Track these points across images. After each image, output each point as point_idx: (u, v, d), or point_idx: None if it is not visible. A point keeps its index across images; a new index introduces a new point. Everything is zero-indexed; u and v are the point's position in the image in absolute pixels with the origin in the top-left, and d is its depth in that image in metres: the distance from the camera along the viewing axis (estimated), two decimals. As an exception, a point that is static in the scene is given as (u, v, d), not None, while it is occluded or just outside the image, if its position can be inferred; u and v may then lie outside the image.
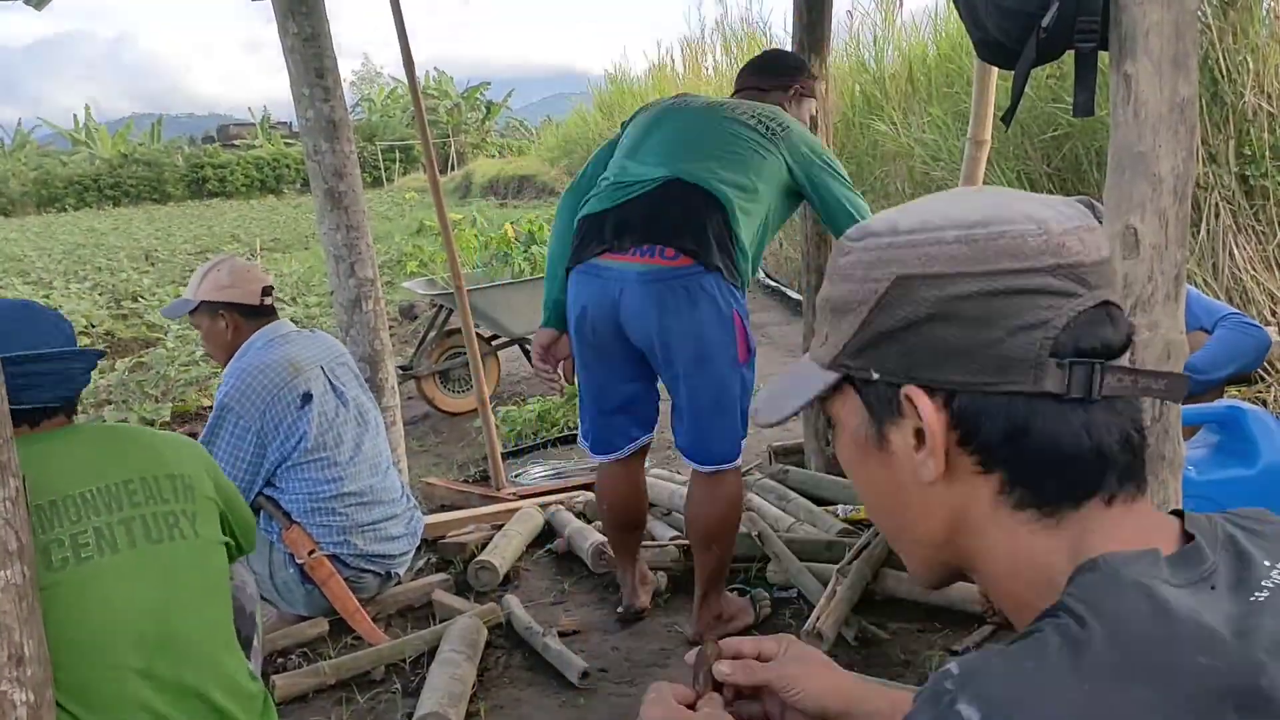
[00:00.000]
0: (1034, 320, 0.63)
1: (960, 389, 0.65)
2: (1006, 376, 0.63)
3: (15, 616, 1.31)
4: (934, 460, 0.66)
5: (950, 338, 0.64)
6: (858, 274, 0.68)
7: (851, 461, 0.74)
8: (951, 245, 0.64)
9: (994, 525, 0.67)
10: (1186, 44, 1.45)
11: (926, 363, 0.65)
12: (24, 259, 15.17)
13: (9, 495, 1.32)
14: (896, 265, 0.66)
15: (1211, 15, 4.00)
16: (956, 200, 0.69)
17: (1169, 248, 1.46)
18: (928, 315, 0.64)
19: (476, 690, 2.38)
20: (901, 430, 0.68)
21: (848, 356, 0.69)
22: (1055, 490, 0.65)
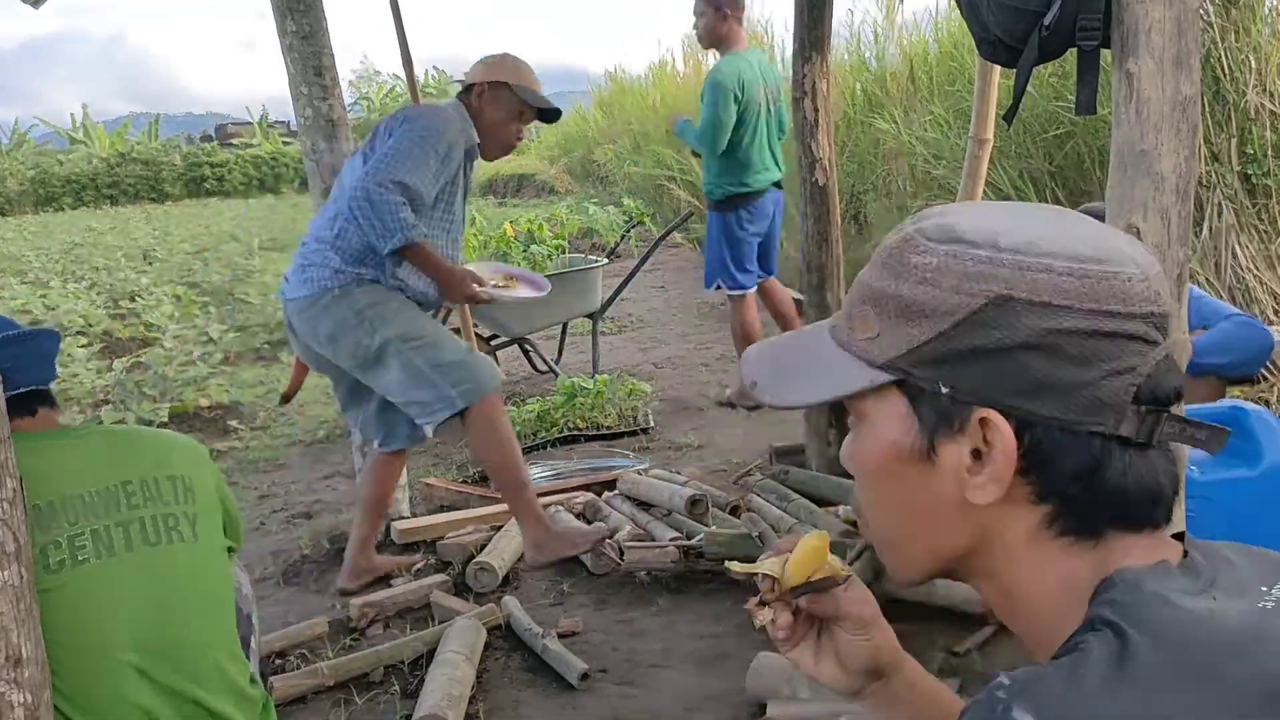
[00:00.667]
0: (1126, 366, 0.63)
1: (1041, 422, 0.64)
2: (1092, 417, 0.63)
3: (13, 618, 1.30)
4: (995, 486, 0.65)
5: (1046, 370, 0.63)
6: (946, 282, 0.64)
7: (877, 467, 0.71)
8: (1062, 277, 0.63)
9: (1028, 549, 0.67)
10: (1189, 42, 1.44)
11: (1011, 390, 0.63)
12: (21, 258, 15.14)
13: (7, 496, 1.31)
14: (998, 284, 0.63)
15: (1214, 13, 3.99)
16: (1056, 224, 0.67)
17: (1171, 246, 1.46)
18: (1024, 343, 0.63)
19: (475, 692, 2.37)
20: (956, 447, 0.66)
21: (913, 364, 0.66)
22: (1103, 523, 0.66)
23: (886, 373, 0.68)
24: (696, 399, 4.98)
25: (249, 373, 6.85)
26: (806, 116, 3.54)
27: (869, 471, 0.72)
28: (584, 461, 4.09)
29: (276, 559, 3.45)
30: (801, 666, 0.91)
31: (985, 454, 0.65)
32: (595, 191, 13.25)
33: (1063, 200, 4.80)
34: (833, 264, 3.63)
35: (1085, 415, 0.63)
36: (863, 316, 0.69)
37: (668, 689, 2.31)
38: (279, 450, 5.02)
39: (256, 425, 5.54)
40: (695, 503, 3.24)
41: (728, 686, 2.29)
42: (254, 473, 4.66)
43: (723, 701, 2.25)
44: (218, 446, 5.14)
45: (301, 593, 3.16)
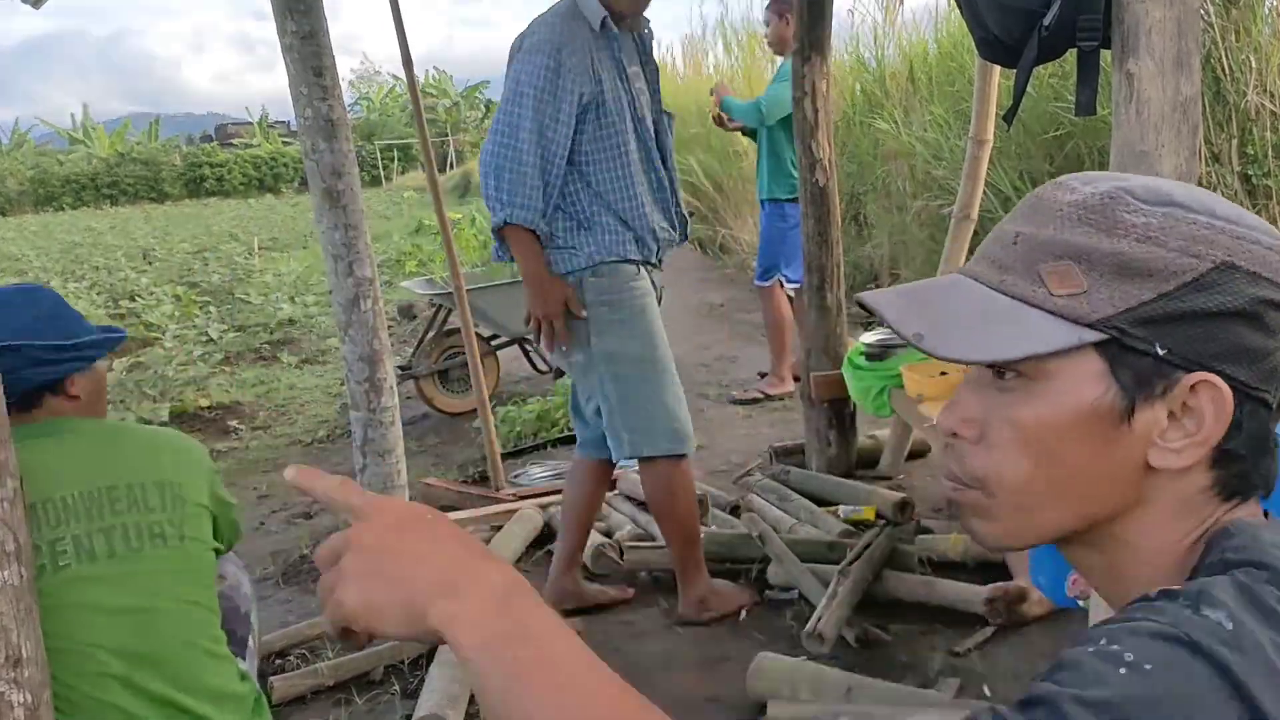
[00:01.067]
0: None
1: (1240, 387, 0.65)
2: (1269, 385, 0.66)
3: (13, 617, 1.30)
4: (1194, 450, 0.65)
5: (1251, 338, 0.65)
6: (1171, 242, 0.64)
7: (1058, 429, 0.67)
8: (1268, 251, 0.65)
9: (1174, 515, 0.68)
10: (1189, 43, 1.44)
11: (1220, 354, 0.64)
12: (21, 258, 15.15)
13: (7, 496, 1.31)
14: (1222, 250, 0.64)
15: (1214, 14, 3.99)
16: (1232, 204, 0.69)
17: (1173, 247, 1.46)
18: (1239, 310, 0.64)
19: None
20: (1153, 410, 0.65)
21: (1130, 322, 0.64)
22: (1253, 483, 0.68)
23: (1099, 330, 0.65)
24: (696, 399, 4.98)
25: (249, 373, 6.86)
26: (806, 117, 3.54)
27: (1042, 434, 0.67)
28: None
29: (276, 559, 3.45)
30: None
31: (1179, 418, 0.65)
32: (595, 192, 13.23)
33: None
34: (833, 264, 3.63)
35: (1265, 383, 0.66)
36: (1063, 272, 0.66)
37: (668, 690, 2.31)
38: (279, 450, 5.02)
39: (256, 425, 5.54)
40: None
41: (728, 687, 2.29)
42: (254, 473, 4.66)
43: (723, 702, 2.25)
44: (218, 446, 5.14)
45: (301, 592, 3.16)
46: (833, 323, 3.64)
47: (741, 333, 6.57)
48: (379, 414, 3.33)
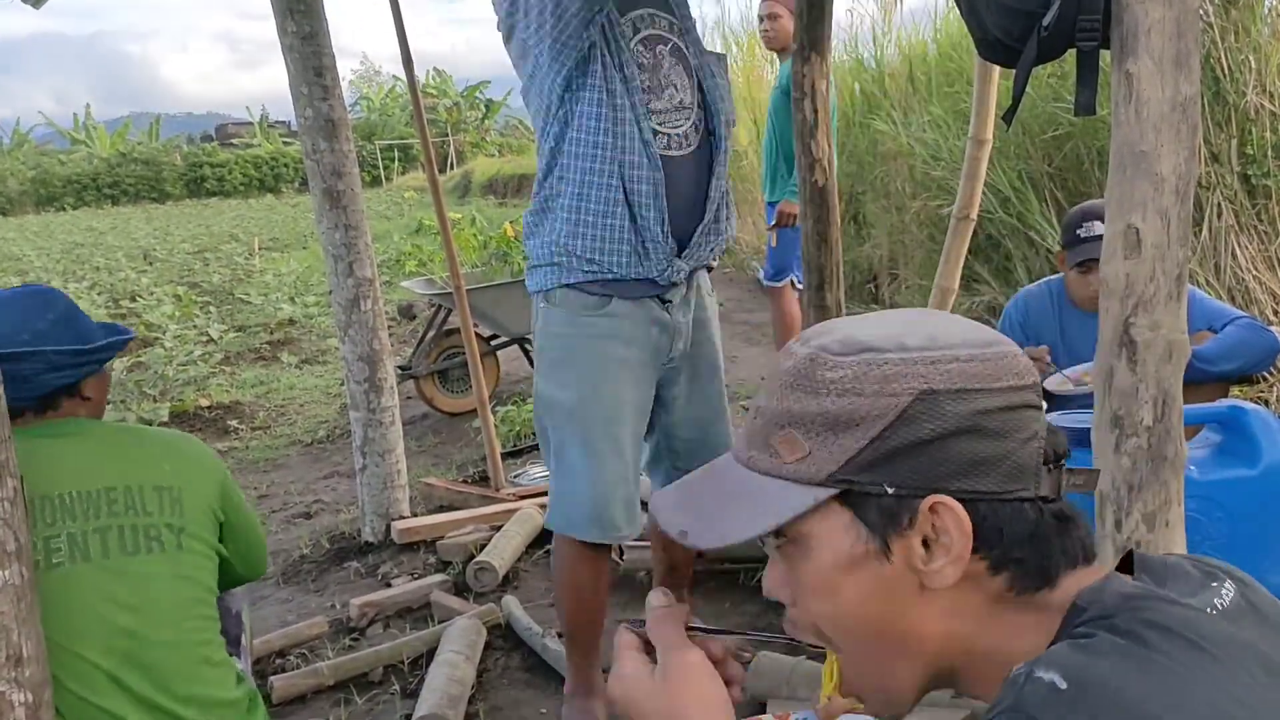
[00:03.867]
0: (1030, 432, 0.69)
1: (981, 498, 0.68)
2: (1019, 484, 0.68)
3: (14, 617, 1.31)
4: (954, 567, 0.68)
5: (976, 449, 0.67)
6: (867, 388, 0.68)
7: (830, 584, 0.71)
8: (969, 363, 0.68)
9: (994, 615, 0.71)
10: (1188, 42, 1.44)
11: (949, 474, 0.67)
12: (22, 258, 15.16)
13: (7, 495, 1.32)
14: (918, 380, 0.67)
15: (1214, 13, 3.99)
16: (935, 321, 0.72)
17: (1171, 247, 1.46)
18: (954, 429, 0.67)
19: (475, 691, 2.37)
20: (907, 541, 0.69)
21: (853, 471, 0.68)
22: (1055, 571, 0.71)
23: (829, 487, 0.69)
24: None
25: (249, 373, 6.86)
26: (806, 117, 3.54)
27: (823, 590, 0.72)
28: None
29: (277, 559, 3.45)
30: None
31: (934, 541, 0.68)
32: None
33: (1062, 201, 4.81)
34: (832, 264, 3.64)
35: (1013, 484, 0.68)
36: (787, 440, 0.70)
37: (667, 689, 2.31)
38: (279, 450, 5.02)
39: (256, 425, 5.54)
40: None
41: (727, 686, 2.30)
42: (254, 473, 4.66)
43: (722, 701, 2.25)
44: (218, 446, 5.14)
45: (301, 592, 3.16)
46: (832, 323, 3.64)
47: (741, 333, 6.58)
48: (379, 414, 3.34)
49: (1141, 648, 0.60)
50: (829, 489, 0.69)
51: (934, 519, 0.67)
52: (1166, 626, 0.61)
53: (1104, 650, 0.61)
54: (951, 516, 0.67)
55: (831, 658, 0.84)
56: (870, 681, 0.75)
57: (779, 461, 0.71)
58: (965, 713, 1.96)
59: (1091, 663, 0.60)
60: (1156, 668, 0.59)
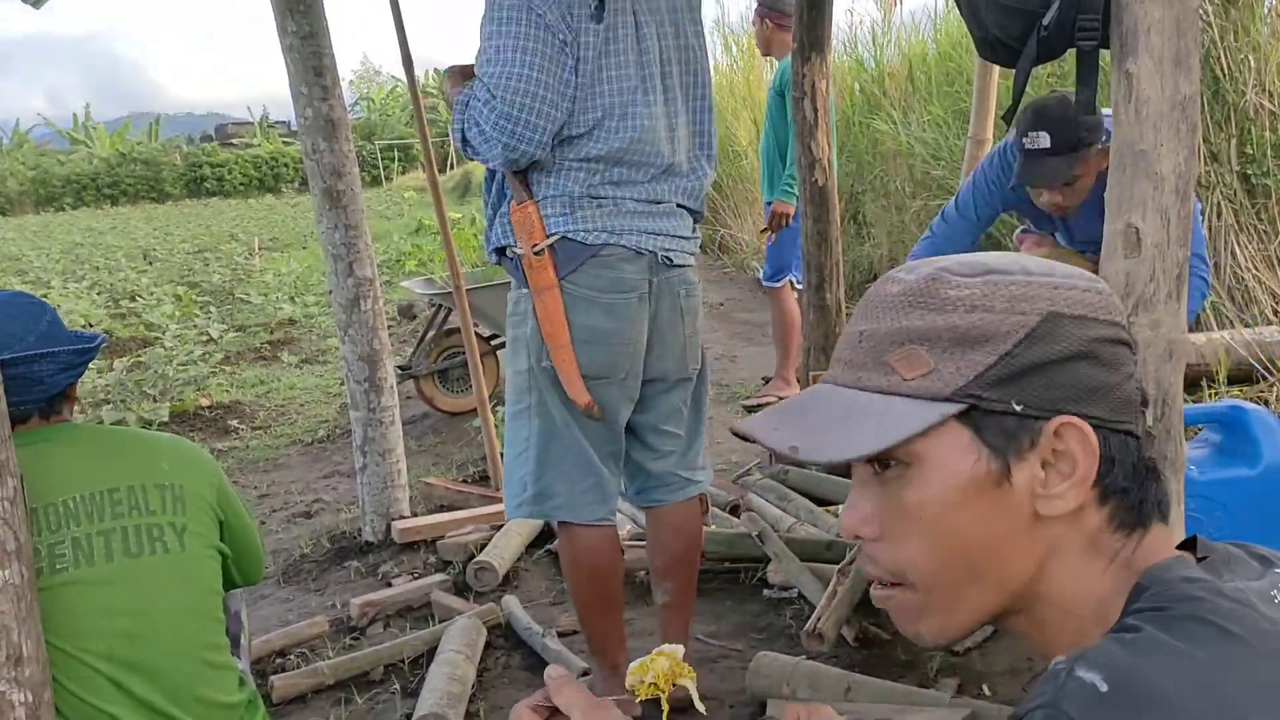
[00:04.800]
0: (1130, 370, 0.71)
1: (1099, 424, 0.68)
2: (1125, 416, 0.70)
3: (14, 616, 1.31)
4: (1076, 491, 0.68)
5: (1094, 376, 0.69)
6: (998, 305, 0.68)
7: (945, 507, 0.69)
8: (1085, 293, 0.70)
9: (1082, 559, 0.70)
10: (1188, 42, 1.44)
11: (1075, 397, 0.68)
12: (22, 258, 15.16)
13: (8, 495, 1.32)
14: (1045, 302, 0.68)
15: (1213, 13, 4.00)
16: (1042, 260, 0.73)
17: (1170, 246, 1.46)
18: (1077, 353, 0.68)
19: (476, 690, 2.37)
20: (1027, 465, 0.68)
21: (982, 387, 0.67)
22: (1148, 514, 0.72)
23: (956, 402, 0.67)
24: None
25: (249, 372, 6.86)
26: (806, 117, 3.54)
27: (930, 516, 0.69)
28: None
29: (277, 558, 3.45)
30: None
31: (1052, 466, 0.68)
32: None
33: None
34: (832, 264, 3.64)
35: (1121, 415, 0.70)
36: (908, 356, 0.69)
37: (667, 688, 2.31)
38: (279, 450, 5.02)
39: (257, 425, 5.54)
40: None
41: (727, 686, 2.30)
42: (254, 472, 4.66)
43: (722, 701, 2.25)
44: (218, 446, 5.14)
45: (301, 591, 3.16)
46: (832, 322, 3.64)
47: (741, 333, 6.58)
48: (379, 413, 3.34)
49: (1188, 647, 0.59)
50: (956, 404, 0.67)
51: (1056, 442, 0.67)
52: (1220, 625, 0.60)
53: (1150, 650, 0.60)
54: (1078, 437, 0.67)
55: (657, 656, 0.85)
56: (937, 610, 0.72)
57: (897, 379, 0.69)
58: (965, 712, 1.97)
59: (1135, 665, 0.59)
60: (1201, 673, 0.58)
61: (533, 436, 2.06)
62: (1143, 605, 0.64)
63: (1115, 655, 0.60)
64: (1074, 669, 0.59)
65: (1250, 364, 3.32)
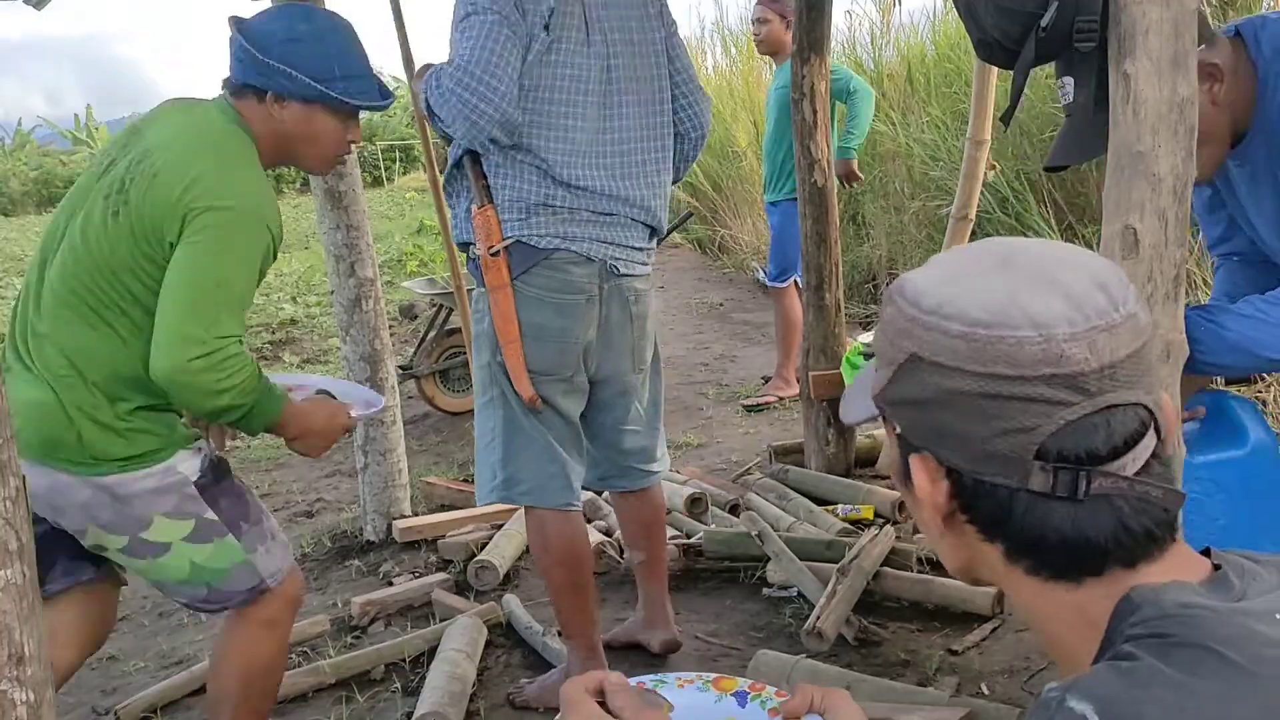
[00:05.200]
0: (1020, 425, 0.65)
1: (954, 468, 0.70)
2: (992, 469, 0.68)
3: (15, 615, 1.31)
4: (932, 520, 0.73)
5: (948, 423, 0.68)
6: (888, 335, 0.72)
7: (899, 471, 0.77)
8: (955, 340, 0.66)
9: (1012, 580, 0.72)
10: (1186, 43, 1.45)
11: (931, 438, 0.70)
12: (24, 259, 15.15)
13: (9, 494, 1.32)
14: (911, 342, 0.69)
15: (1211, 15, 4.00)
16: (982, 277, 0.68)
17: (1168, 247, 1.46)
18: (931, 398, 0.68)
19: (476, 689, 2.38)
20: (918, 475, 0.73)
21: (883, 402, 0.74)
22: (1060, 566, 0.69)
23: (874, 405, 0.76)
24: (696, 399, 4.99)
25: (250, 373, 6.85)
26: (805, 118, 3.55)
27: (895, 476, 0.79)
28: (584, 461, 4.09)
29: (277, 558, 3.45)
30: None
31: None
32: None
33: (1060, 201, 4.82)
34: (831, 265, 3.64)
35: (983, 467, 0.68)
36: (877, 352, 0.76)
37: (667, 687, 2.32)
38: (280, 449, 5.02)
39: (257, 425, 5.54)
40: (695, 501, 3.25)
41: (727, 685, 2.30)
42: (255, 471, 4.67)
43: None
44: (219, 446, 5.14)
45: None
46: (831, 322, 3.65)
47: (741, 333, 6.58)
48: (380, 413, 3.35)
49: (1186, 677, 0.58)
50: (874, 408, 0.76)
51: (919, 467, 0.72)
52: (1220, 653, 0.59)
53: (1146, 681, 0.59)
54: (921, 473, 0.71)
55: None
56: (935, 543, 0.78)
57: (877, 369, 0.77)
58: (964, 711, 1.97)
59: (1128, 697, 0.58)
60: (1197, 705, 0.57)
61: (498, 427, 2.18)
62: (1140, 631, 0.63)
63: (1109, 685, 0.59)
64: (1065, 698, 0.59)
65: (1249, 364, 3.32)
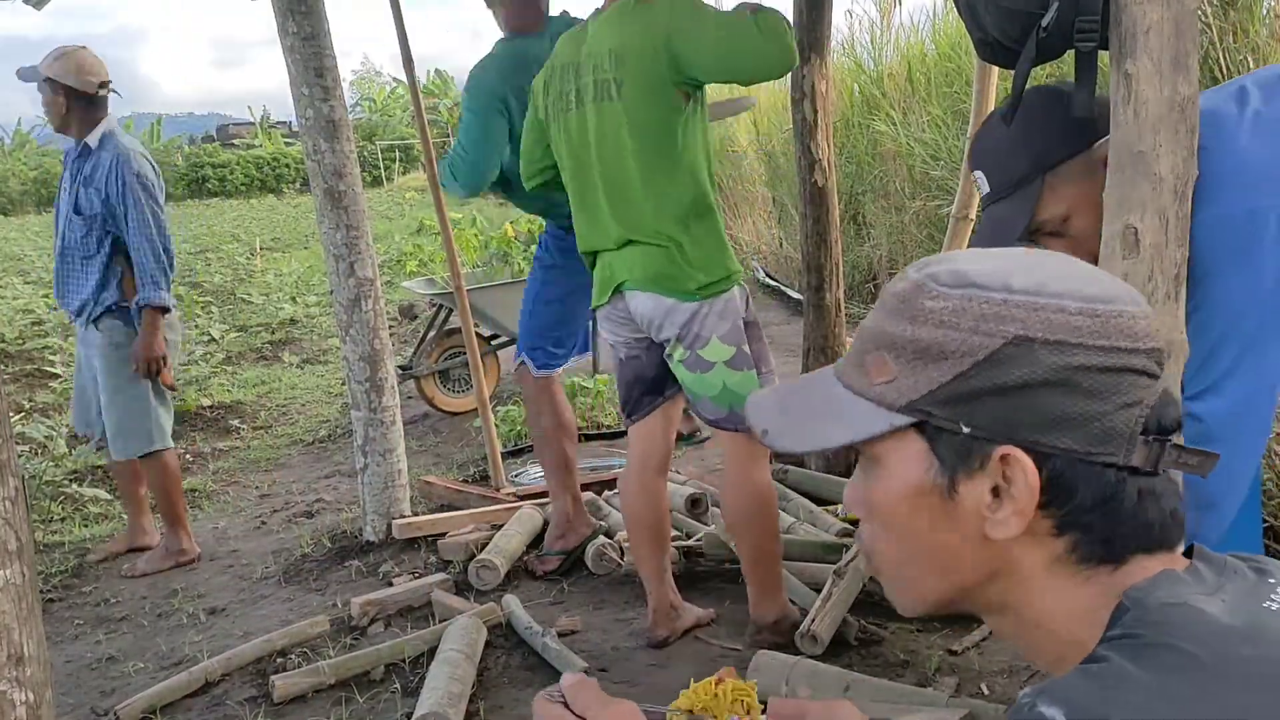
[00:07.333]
0: (1134, 399, 0.66)
1: (1061, 455, 0.66)
2: (1106, 448, 0.66)
3: (15, 616, 1.31)
4: (1017, 520, 0.67)
5: (1063, 405, 0.66)
6: (963, 323, 0.67)
7: (895, 509, 0.72)
8: (1075, 316, 0.66)
9: (1047, 579, 0.69)
10: (1187, 43, 1.44)
11: (1031, 425, 0.66)
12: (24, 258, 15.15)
13: (8, 495, 1.32)
14: (1015, 324, 0.66)
15: (1212, 15, 4.00)
16: (1061, 267, 0.70)
17: (1169, 247, 1.46)
18: (1044, 380, 0.65)
19: (476, 690, 2.38)
20: (976, 484, 0.68)
21: (933, 404, 0.68)
22: (1120, 550, 0.69)
23: (906, 415, 0.69)
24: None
25: (250, 372, 6.86)
26: (805, 118, 3.54)
27: (886, 513, 0.73)
28: (584, 461, 4.09)
29: (277, 558, 3.46)
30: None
31: (1005, 490, 0.67)
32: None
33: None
34: (831, 264, 3.64)
35: (1099, 447, 0.66)
36: (878, 361, 0.70)
37: (667, 687, 2.32)
38: (280, 450, 5.03)
39: (258, 425, 5.55)
40: (695, 502, 3.25)
41: (727, 685, 2.30)
42: (255, 472, 4.67)
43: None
44: (219, 446, 5.15)
45: (302, 591, 3.17)
46: (830, 322, 3.65)
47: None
48: (380, 413, 3.35)
49: (1155, 677, 0.58)
50: (906, 417, 0.69)
51: (1004, 468, 0.67)
52: (1191, 653, 0.59)
53: (1114, 683, 0.59)
54: (1020, 469, 0.66)
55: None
56: (899, 587, 0.76)
57: (867, 381, 0.71)
58: (963, 711, 1.97)
59: (1097, 699, 0.58)
60: (1166, 705, 0.57)
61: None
62: (1115, 633, 0.64)
63: (1078, 689, 0.60)
64: (1036, 703, 0.59)
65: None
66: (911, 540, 0.72)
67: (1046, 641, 0.71)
